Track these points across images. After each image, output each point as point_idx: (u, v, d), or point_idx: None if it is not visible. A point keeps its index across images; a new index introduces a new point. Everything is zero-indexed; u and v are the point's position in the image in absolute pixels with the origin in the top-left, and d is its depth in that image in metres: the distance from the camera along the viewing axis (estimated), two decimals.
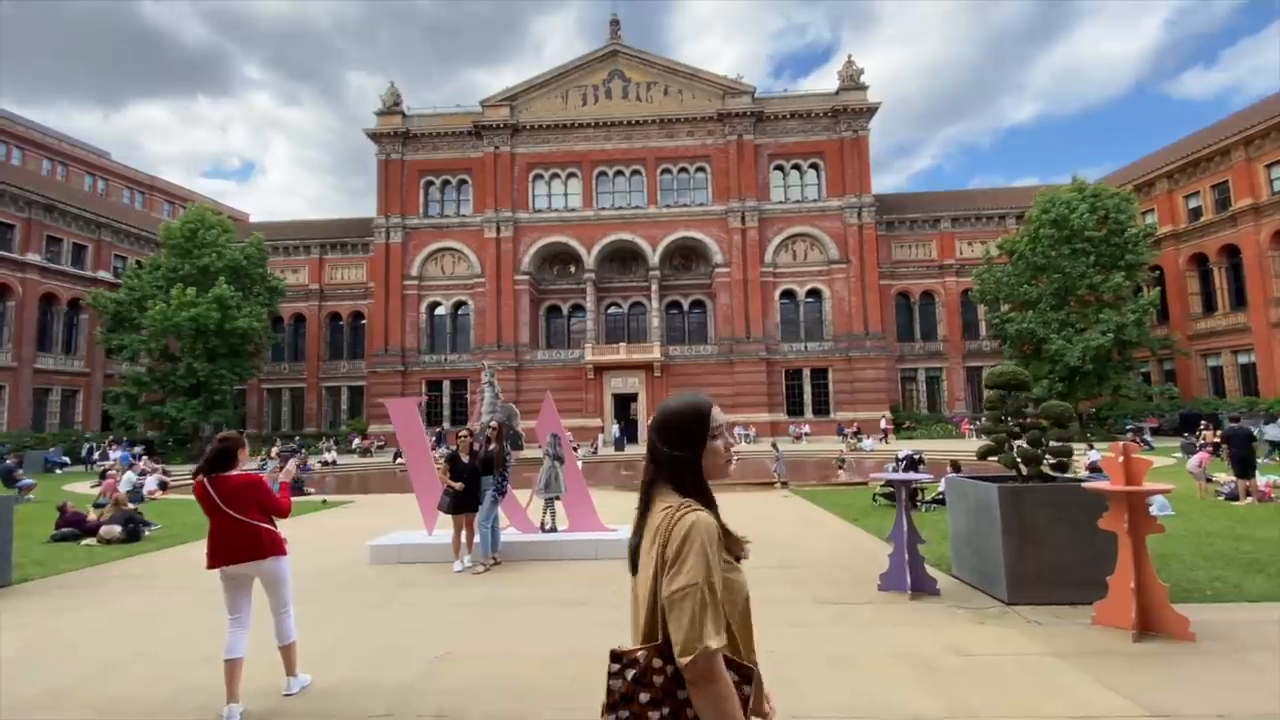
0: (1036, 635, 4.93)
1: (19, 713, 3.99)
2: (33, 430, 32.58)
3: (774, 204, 40.61)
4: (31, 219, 34.55)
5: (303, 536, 10.74)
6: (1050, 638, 4.85)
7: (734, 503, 13.05)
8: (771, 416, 38.30)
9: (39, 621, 6.04)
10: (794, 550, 8.24)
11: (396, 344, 40.03)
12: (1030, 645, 4.72)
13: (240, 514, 4.13)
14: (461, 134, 41.48)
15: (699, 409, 1.47)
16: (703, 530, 1.33)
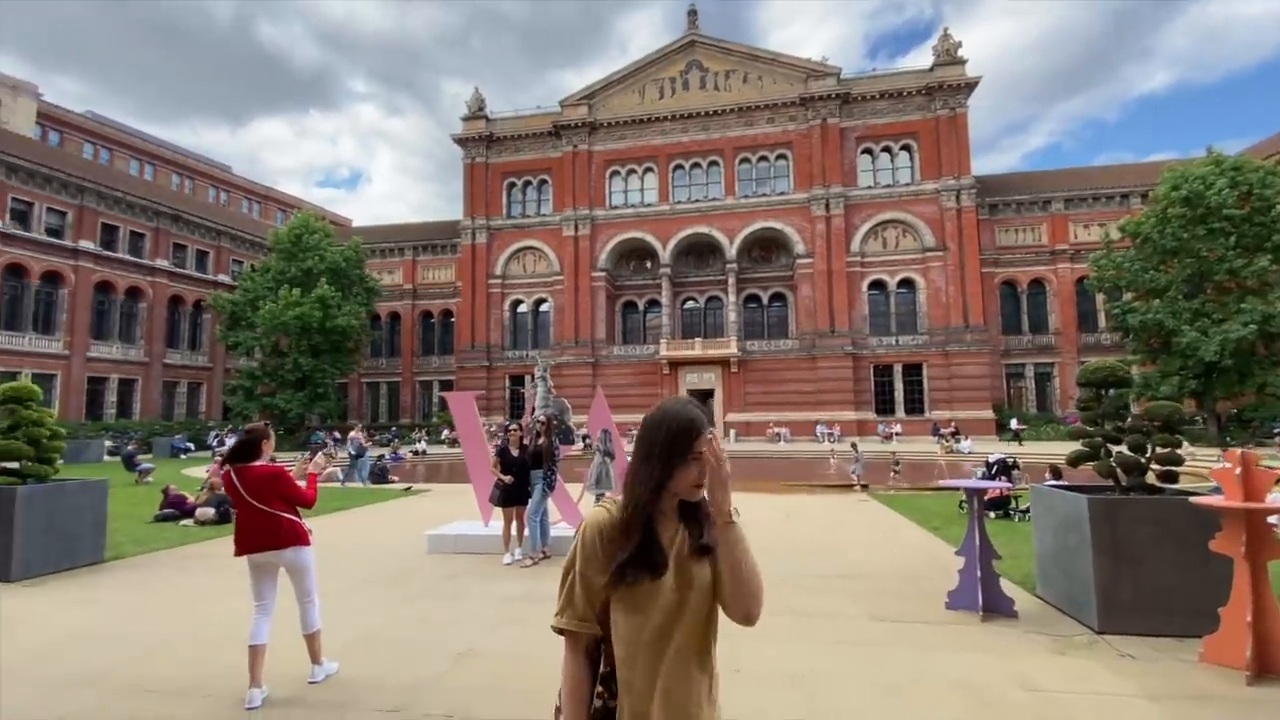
0: (1127, 671, 4.17)
1: (54, 691, 4.20)
2: (162, 419, 36.47)
3: (861, 189, 38.64)
4: (160, 228, 38.57)
5: (375, 523, 11.19)
6: (1143, 675, 4.08)
7: (803, 505, 12.40)
8: (858, 415, 36.53)
9: (114, 598, 6.49)
10: (858, 559, 7.60)
11: (482, 340, 41.52)
12: (1117, 683, 3.98)
13: (262, 504, 4.18)
14: (542, 135, 42.34)
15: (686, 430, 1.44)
16: (588, 524, 1.49)
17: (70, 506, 7.90)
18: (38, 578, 7.14)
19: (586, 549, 1.44)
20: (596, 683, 1.48)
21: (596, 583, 1.43)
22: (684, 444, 1.43)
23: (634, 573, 1.41)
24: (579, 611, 1.45)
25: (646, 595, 1.41)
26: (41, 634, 5.35)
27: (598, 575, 1.42)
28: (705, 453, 1.43)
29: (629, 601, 1.42)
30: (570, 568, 1.47)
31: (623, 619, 1.43)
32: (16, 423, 7.77)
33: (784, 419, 36.85)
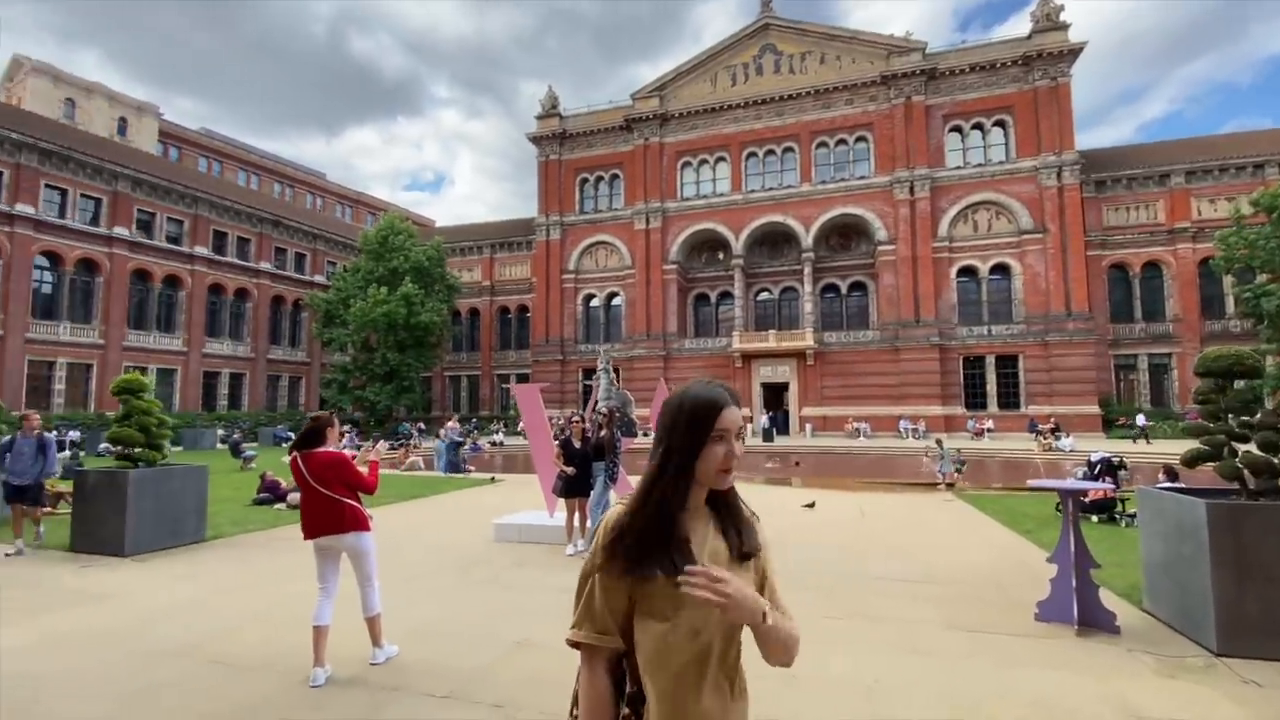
0: (1249, 700, 3.61)
1: (147, 661, 4.51)
2: (267, 410, 39.51)
3: (949, 170, 36.40)
4: (263, 233, 41.64)
5: (448, 511, 11.56)
6: (1269, 704, 3.52)
7: (880, 504, 11.79)
8: (945, 409, 34.57)
9: (208, 575, 6.97)
10: (937, 562, 7.08)
11: (556, 334, 42.31)
12: (1236, 713, 3.46)
13: (325, 489, 4.31)
14: (613, 129, 42.50)
15: (707, 407, 1.30)
16: (606, 523, 1.36)
17: (175, 489, 8.58)
18: (147, 554, 7.79)
19: (605, 551, 1.32)
20: (623, 703, 1.34)
21: (618, 588, 1.30)
22: (705, 421, 1.29)
23: (648, 568, 1.28)
24: (599, 622, 1.31)
25: (672, 601, 1.26)
26: (144, 606, 5.81)
27: (618, 580, 1.29)
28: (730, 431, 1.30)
29: (653, 608, 1.28)
30: (589, 573, 1.34)
31: (646, 628, 1.29)
32: (129, 412, 8.51)
33: (864, 413, 35.40)
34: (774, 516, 10.07)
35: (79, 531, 8.09)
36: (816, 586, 6.05)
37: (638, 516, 1.31)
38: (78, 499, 8.32)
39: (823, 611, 5.31)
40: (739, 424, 1.31)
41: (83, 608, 5.73)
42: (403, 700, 3.81)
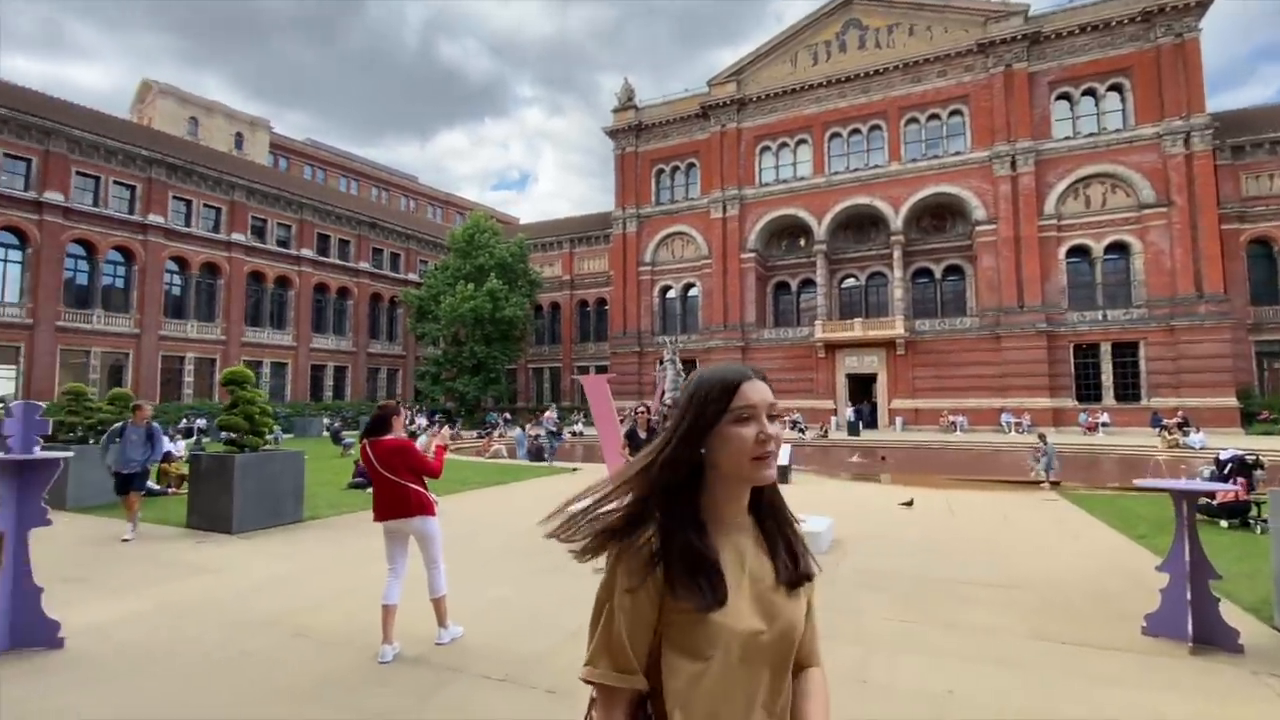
0: None
1: (241, 630, 4.87)
2: (367, 400, 42.20)
3: (1057, 141, 33.45)
4: (361, 235, 44.45)
5: (525, 498, 11.87)
6: None
7: (973, 502, 11.03)
8: (1053, 402, 31.97)
9: (302, 553, 7.48)
10: (1031, 566, 6.51)
11: (633, 326, 42.55)
12: None
13: (392, 474, 4.47)
14: (689, 118, 42.05)
15: (720, 381, 1.07)
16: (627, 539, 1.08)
17: (276, 473, 9.27)
18: (251, 532, 8.46)
19: (629, 572, 1.05)
20: None
21: (645, 611, 1.03)
22: (722, 397, 1.06)
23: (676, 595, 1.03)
24: (619, 659, 1.04)
25: (705, 635, 1.02)
26: (244, 579, 6.31)
27: (648, 608, 1.03)
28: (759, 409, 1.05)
29: (684, 643, 1.03)
30: (606, 598, 1.07)
31: (676, 668, 1.04)
32: (236, 401, 9.25)
33: (960, 406, 33.35)
34: (853, 513, 9.65)
35: (194, 510, 8.91)
36: (892, 589, 5.70)
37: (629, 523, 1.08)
38: (192, 481, 9.16)
39: (897, 614, 5.00)
40: (770, 401, 1.07)
41: (193, 580, 6.29)
42: (461, 681, 3.90)
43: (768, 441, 1.04)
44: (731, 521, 1.10)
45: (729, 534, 1.09)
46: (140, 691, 3.78)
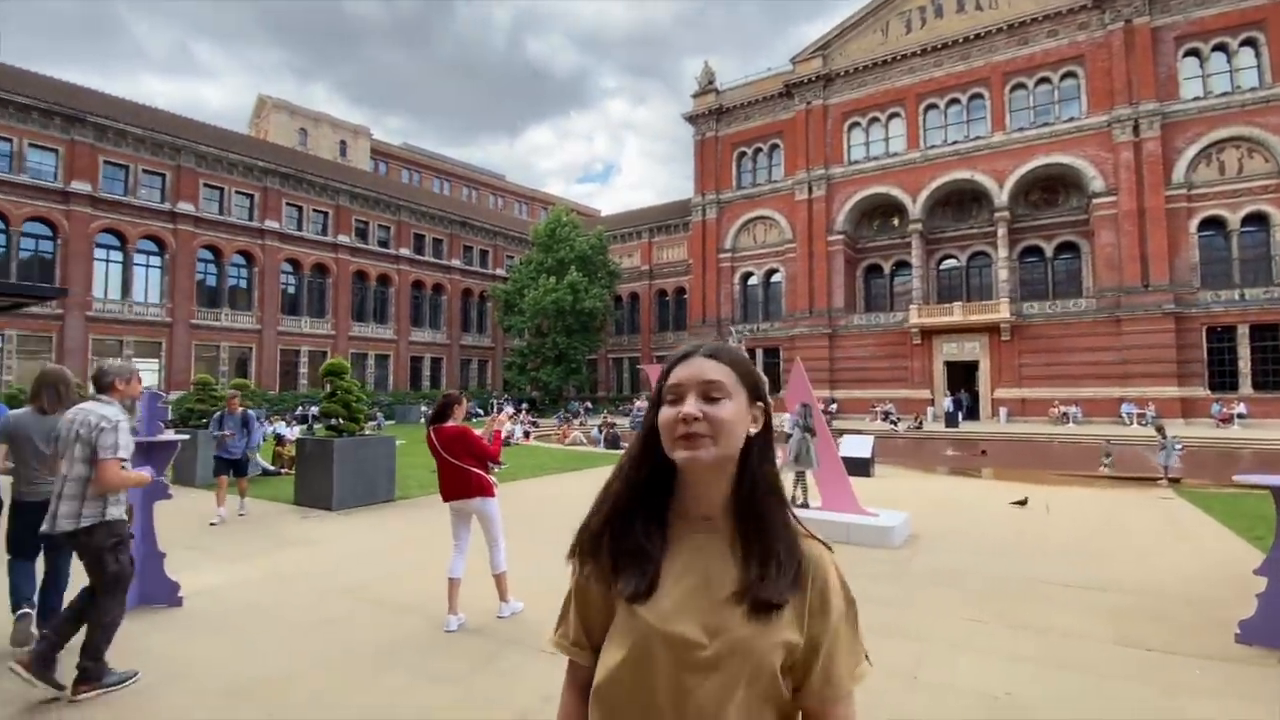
0: None
1: (330, 596, 5.32)
2: (461, 388, 44.39)
3: (1185, 102, 29.84)
4: (453, 234, 46.71)
5: (595, 484, 12.09)
6: None
7: (1075, 499, 10.15)
8: (1182, 391, 28.77)
9: (391, 529, 8.04)
10: (1128, 569, 5.93)
11: (713, 315, 42.00)
12: None
13: (454, 458, 4.75)
14: (772, 98, 40.82)
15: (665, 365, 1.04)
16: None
17: (370, 456, 9.96)
18: (348, 510, 9.15)
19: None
20: None
21: (593, 594, 1.03)
22: (661, 382, 1.01)
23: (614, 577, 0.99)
24: (571, 632, 1.06)
25: (630, 624, 0.96)
26: (339, 551, 6.87)
27: (595, 588, 1.02)
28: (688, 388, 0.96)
29: (616, 631, 0.99)
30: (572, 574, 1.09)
31: (605, 652, 1.00)
32: (334, 390, 10.01)
33: (1073, 396, 30.70)
34: (937, 509, 9.19)
35: (300, 489, 9.74)
36: (965, 587, 5.38)
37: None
38: (299, 463, 10.00)
39: (965, 613, 4.71)
40: (703, 379, 0.96)
41: (294, 551, 6.91)
42: (517, 651, 4.10)
43: (684, 421, 0.93)
44: (697, 516, 1.00)
45: (693, 531, 1.00)
46: (246, 644, 4.26)
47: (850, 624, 0.97)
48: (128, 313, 31.28)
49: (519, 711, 3.30)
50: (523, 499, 10.25)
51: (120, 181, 31.38)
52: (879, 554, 6.44)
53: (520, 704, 3.37)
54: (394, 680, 3.70)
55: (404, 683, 3.67)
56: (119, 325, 30.92)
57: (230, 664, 3.94)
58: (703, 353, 1.00)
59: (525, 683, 3.64)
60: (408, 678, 3.73)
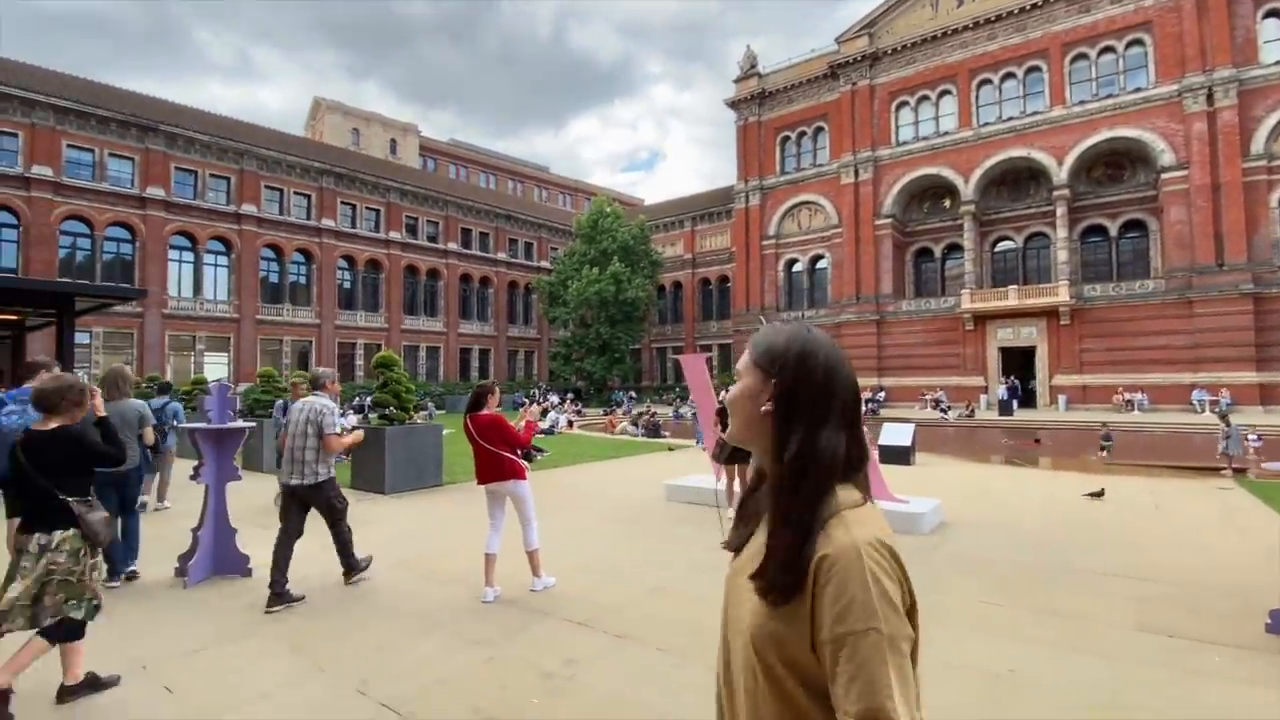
0: None
1: (382, 569, 5.78)
2: (508, 379, 45.54)
3: (1266, 67, 27.76)
4: (498, 227, 47.75)
5: (631, 471, 12.40)
6: None
7: (1128, 489, 9.84)
8: (1261, 376, 27.07)
9: (438, 510, 8.54)
10: (1168, 560, 5.82)
11: (757, 303, 41.62)
12: None
13: (488, 444, 5.10)
14: (816, 80, 39.96)
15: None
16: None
17: (419, 443, 10.52)
18: (399, 493, 9.72)
19: None
20: None
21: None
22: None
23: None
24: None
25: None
26: (391, 529, 7.41)
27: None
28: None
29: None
30: None
31: None
32: (386, 381, 10.59)
33: (1138, 382, 29.27)
34: (975, 498, 9.14)
35: (355, 474, 10.38)
36: (989, 573, 5.41)
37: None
38: (354, 449, 10.62)
39: (985, 597, 4.77)
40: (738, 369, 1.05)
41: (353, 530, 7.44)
42: (546, 622, 4.42)
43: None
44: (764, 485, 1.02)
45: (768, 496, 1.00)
46: (307, 609, 4.76)
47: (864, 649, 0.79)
48: (199, 310, 33.35)
49: (543, 672, 3.60)
50: (565, 485, 10.64)
51: (190, 186, 33.38)
52: (905, 540, 6.49)
53: (545, 667, 3.67)
54: (434, 641, 4.07)
55: (442, 643, 4.03)
56: (192, 322, 33.02)
57: (293, 622, 4.41)
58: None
59: (551, 648, 3.94)
60: (446, 639, 4.10)
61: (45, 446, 3.23)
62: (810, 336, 0.99)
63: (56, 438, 3.27)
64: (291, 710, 3.22)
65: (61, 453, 3.25)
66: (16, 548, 3.18)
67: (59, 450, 3.25)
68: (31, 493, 3.18)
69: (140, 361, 30.69)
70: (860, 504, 0.92)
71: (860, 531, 0.86)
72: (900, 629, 0.82)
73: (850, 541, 0.85)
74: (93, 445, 3.39)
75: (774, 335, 1.02)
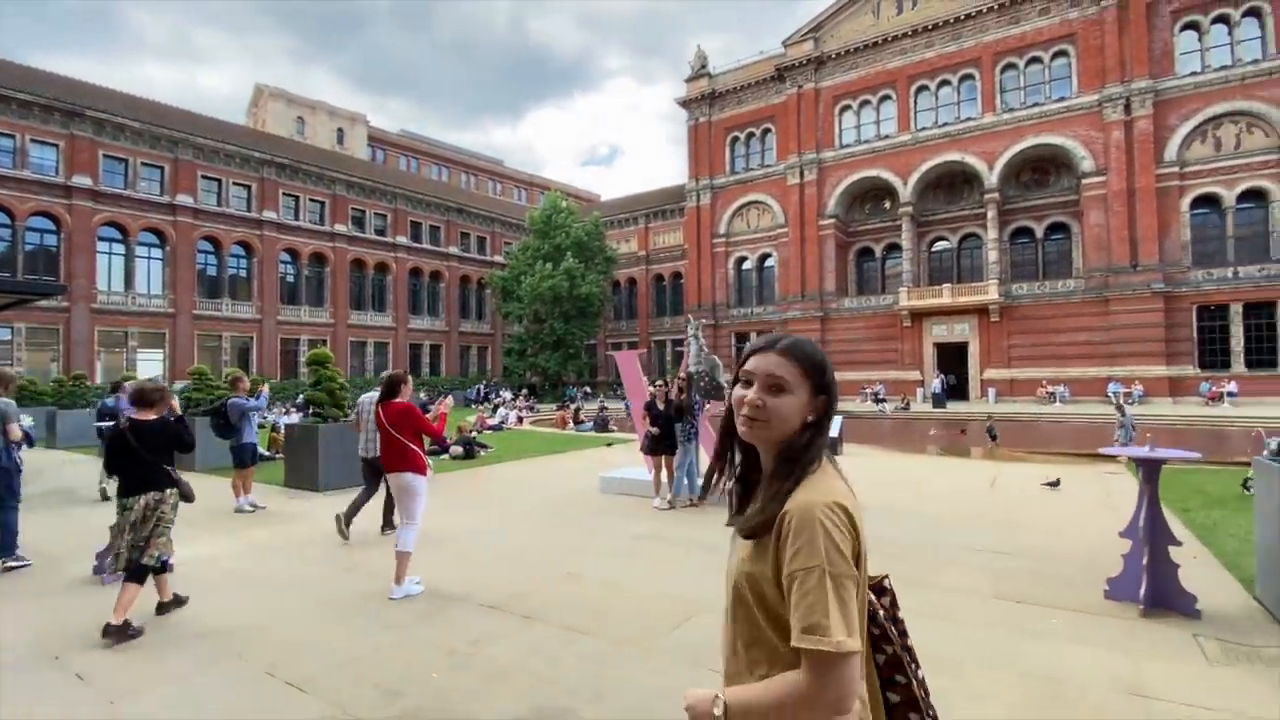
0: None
1: (307, 563, 5.91)
2: (460, 376, 45.07)
3: (1180, 79, 29.83)
4: (450, 220, 47.10)
5: (570, 465, 12.70)
6: None
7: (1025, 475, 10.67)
8: (1171, 370, 29.19)
9: (371, 506, 8.59)
10: (1038, 538, 6.47)
11: (708, 300, 42.44)
12: (1266, 707, 3.00)
13: (397, 433, 5.18)
14: (764, 81, 40.85)
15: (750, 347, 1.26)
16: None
17: (355, 440, 10.52)
18: (334, 490, 9.74)
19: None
20: None
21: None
22: (738, 365, 1.24)
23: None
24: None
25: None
26: (318, 527, 7.50)
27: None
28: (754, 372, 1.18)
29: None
30: None
31: None
32: (319, 379, 10.59)
33: (1061, 376, 31.16)
34: (884, 485, 9.75)
35: (289, 472, 10.37)
36: (880, 552, 5.92)
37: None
38: (287, 447, 10.61)
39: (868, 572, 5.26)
40: (771, 373, 1.16)
41: (279, 527, 7.54)
42: (460, 607, 4.69)
43: (747, 403, 1.17)
44: (767, 471, 1.20)
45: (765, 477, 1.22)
46: (233, 600, 4.91)
47: (812, 582, 1.01)
48: (131, 304, 31.99)
49: (449, 650, 3.89)
50: (499, 480, 10.87)
51: (120, 175, 31.93)
52: None
53: (452, 645, 3.96)
54: (348, 628, 4.30)
55: (357, 630, 4.27)
56: (123, 317, 31.65)
57: (208, 616, 4.56)
58: (778, 349, 1.18)
59: (461, 630, 4.22)
60: (361, 626, 4.33)
61: (148, 431, 4.48)
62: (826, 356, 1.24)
63: (156, 425, 4.54)
64: (197, 691, 3.43)
65: (164, 435, 4.55)
66: (124, 506, 4.35)
67: (161, 433, 4.53)
68: (137, 466, 4.40)
69: (66, 359, 29.31)
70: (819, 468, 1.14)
71: (816, 494, 1.08)
72: (844, 569, 1.02)
73: (807, 500, 1.07)
74: (179, 430, 4.67)
75: (817, 354, 1.19)
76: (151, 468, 4.42)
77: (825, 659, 0.98)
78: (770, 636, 1.09)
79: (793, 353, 1.16)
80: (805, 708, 1.00)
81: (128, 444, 4.39)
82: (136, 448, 4.39)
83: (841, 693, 0.99)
